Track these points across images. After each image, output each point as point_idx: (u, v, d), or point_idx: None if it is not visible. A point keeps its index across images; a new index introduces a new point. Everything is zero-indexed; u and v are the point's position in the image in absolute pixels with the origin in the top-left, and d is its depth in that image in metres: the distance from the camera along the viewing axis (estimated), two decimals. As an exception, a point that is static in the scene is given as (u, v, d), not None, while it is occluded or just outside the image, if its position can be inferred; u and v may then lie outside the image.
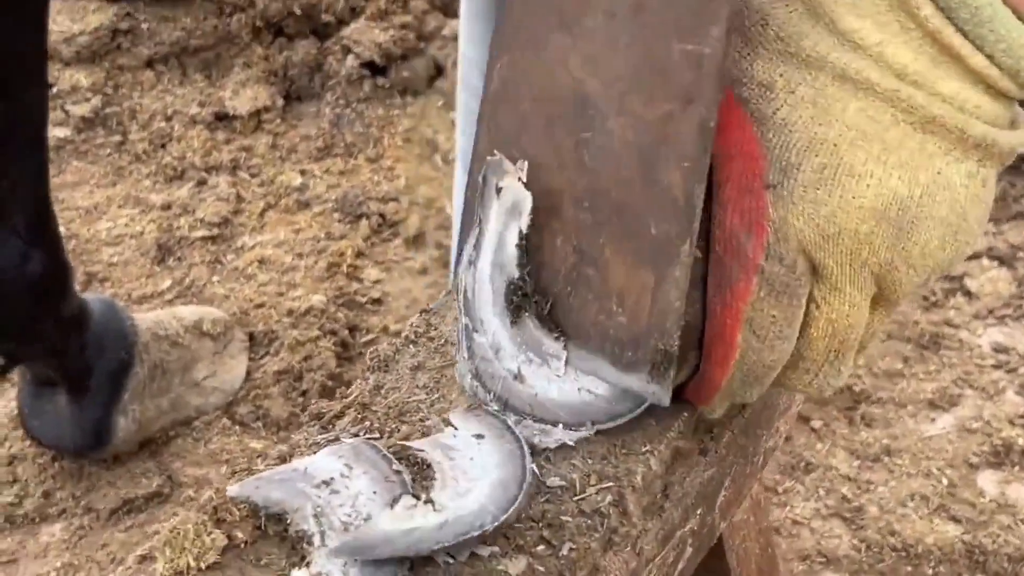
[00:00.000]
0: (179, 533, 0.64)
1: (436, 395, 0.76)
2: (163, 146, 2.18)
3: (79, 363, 1.63)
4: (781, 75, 0.66)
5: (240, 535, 0.65)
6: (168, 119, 2.20)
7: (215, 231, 2.03)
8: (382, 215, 2.03)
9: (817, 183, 0.65)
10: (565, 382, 0.73)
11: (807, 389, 0.72)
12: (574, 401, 0.73)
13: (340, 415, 0.74)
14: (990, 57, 0.64)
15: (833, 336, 0.69)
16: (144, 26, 2.27)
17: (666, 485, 0.73)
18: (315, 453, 0.69)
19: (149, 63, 2.28)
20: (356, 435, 0.71)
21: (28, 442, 1.69)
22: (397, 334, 0.86)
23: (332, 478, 0.66)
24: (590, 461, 0.71)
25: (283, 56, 2.26)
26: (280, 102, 2.23)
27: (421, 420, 0.72)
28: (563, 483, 0.69)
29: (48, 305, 1.54)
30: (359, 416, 0.73)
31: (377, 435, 0.72)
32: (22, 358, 1.60)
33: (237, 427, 1.72)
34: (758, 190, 0.66)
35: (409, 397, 0.75)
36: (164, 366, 1.72)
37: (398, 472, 0.67)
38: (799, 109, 0.66)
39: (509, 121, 0.72)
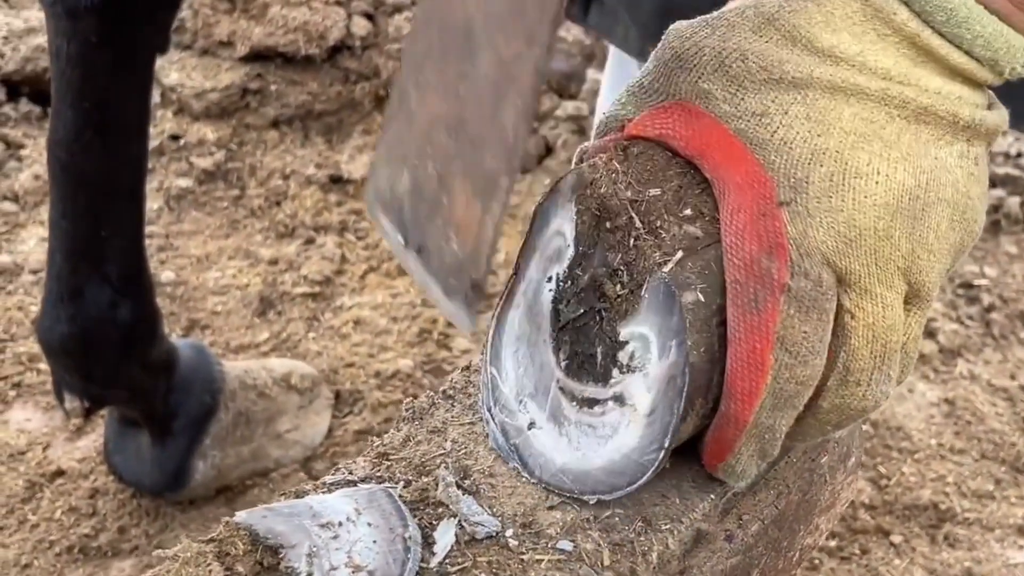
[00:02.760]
0: (179, 561, 0.64)
1: (462, 451, 0.75)
2: (278, 203, 2.23)
3: (164, 407, 1.66)
4: (773, 101, 0.68)
5: (240, 569, 0.65)
6: (285, 178, 2.26)
7: (317, 289, 2.06)
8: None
9: (829, 191, 0.67)
10: (571, 446, 0.72)
11: (862, 403, 0.71)
12: (575, 468, 0.72)
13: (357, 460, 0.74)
14: (968, 52, 0.68)
15: (875, 341, 0.69)
16: (273, 87, 2.34)
17: (684, 568, 0.71)
18: (328, 492, 0.69)
19: (274, 123, 2.34)
20: (364, 480, 0.71)
21: (111, 477, 1.72)
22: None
23: (340, 521, 0.66)
24: (607, 532, 0.70)
25: (402, 125, 2.30)
26: (394, 170, 2.27)
27: (434, 475, 0.72)
28: (573, 549, 0.68)
29: (136, 352, 1.57)
30: (377, 463, 0.73)
31: (392, 484, 0.72)
32: (107, 402, 1.63)
33: (312, 482, 1.73)
34: (772, 211, 0.67)
35: (435, 451, 0.75)
36: (248, 415, 1.74)
37: (405, 526, 0.67)
38: (796, 127, 0.67)
39: (421, 49, 0.76)
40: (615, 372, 0.70)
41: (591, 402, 0.72)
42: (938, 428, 1.80)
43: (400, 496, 0.70)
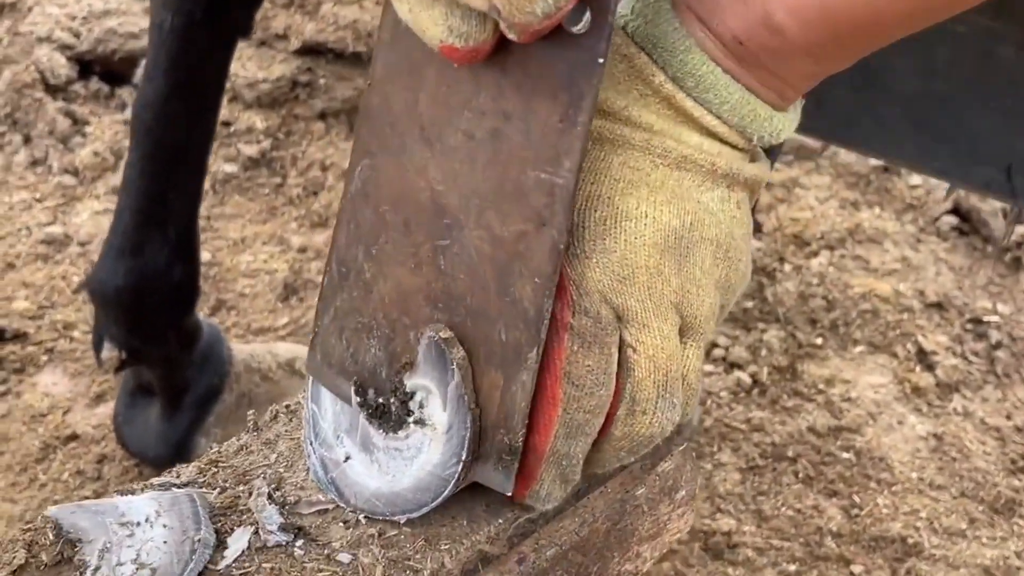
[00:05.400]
0: (-11, 543, 0.72)
1: (284, 463, 0.82)
2: (315, 193, 2.32)
3: (183, 378, 1.76)
4: None
5: (44, 557, 0.73)
6: (324, 169, 2.34)
7: (339, 279, 2.14)
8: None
9: (603, 234, 0.72)
10: (381, 471, 0.78)
11: (650, 430, 0.76)
12: (387, 492, 0.78)
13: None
14: (719, 116, 0.73)
15: (656, 371, 0.74)
16: (322, 81, 2.43)
17: (466, 587, 0.77)
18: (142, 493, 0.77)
19: (321, 115, 2.43)
20: (187, 484, 0.78)
21: (120, 445, 1.83)
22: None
23: (139, 521, 0.74)
24: (387, 548, 0.76)
25: (441, 125, 2.37)
26: (430, 168, 2.34)
27: (251, 484, 0.79)
28: (350, 561, 0.74)
29: (177, 313, 1.69)
30: (204, 470, 0.80)
31: (210, 490, 0.79)
32: (143, 358, 1.74)
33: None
34: None
35: (260, 461, 0.82)
36: (251, 397, 1.83)
37: (198, 529, 0.74)
38: None
39: (369, 220, 0.77)
40: (408, 419, 0.76)
41: (396, 427, 0.78)
42: (922, 462, 1.80)
43: (211, 502, 0.77)
